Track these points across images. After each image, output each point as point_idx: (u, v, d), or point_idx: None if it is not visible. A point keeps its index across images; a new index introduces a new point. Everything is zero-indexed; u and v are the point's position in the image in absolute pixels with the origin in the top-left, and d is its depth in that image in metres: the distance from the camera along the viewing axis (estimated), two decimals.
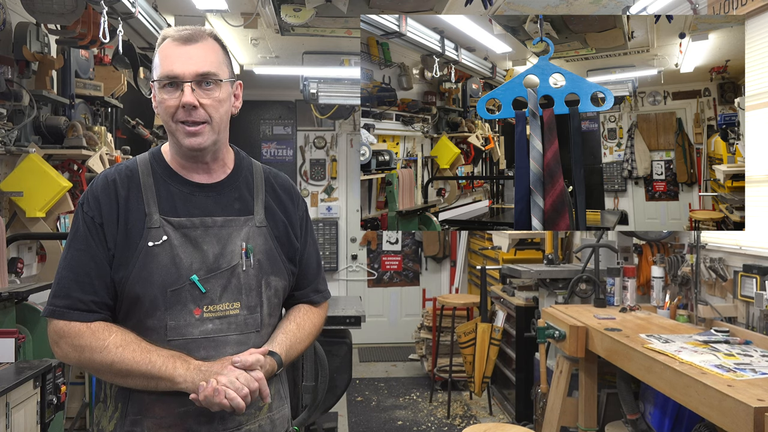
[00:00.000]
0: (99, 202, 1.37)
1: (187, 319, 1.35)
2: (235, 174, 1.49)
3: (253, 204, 1.47)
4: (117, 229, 1.36)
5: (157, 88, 1.37)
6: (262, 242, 1.45)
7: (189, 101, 1.34)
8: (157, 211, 1.38)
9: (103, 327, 1.33)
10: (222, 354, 1.37)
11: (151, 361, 1.29)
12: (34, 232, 3.28)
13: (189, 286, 1.35)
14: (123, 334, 1.32)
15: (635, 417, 2.98)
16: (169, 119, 1.37)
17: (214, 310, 1.37)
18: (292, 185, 1.60)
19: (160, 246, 1.35)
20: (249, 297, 1.42)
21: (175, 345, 1.34)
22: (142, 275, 1.33)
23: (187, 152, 1.40)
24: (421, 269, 7.10)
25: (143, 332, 1.35)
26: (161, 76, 1.36)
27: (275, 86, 6.30)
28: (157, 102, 1.38)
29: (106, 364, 1.30)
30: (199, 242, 1.38)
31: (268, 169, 1.57)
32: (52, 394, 2.60)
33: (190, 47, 1.37)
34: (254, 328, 1.42)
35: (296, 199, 1.57)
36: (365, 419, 4.77)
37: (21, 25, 3.30)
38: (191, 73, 1.35)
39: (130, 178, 1.41)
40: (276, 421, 1.47)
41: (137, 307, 1.35)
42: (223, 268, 1.39)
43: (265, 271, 1.44)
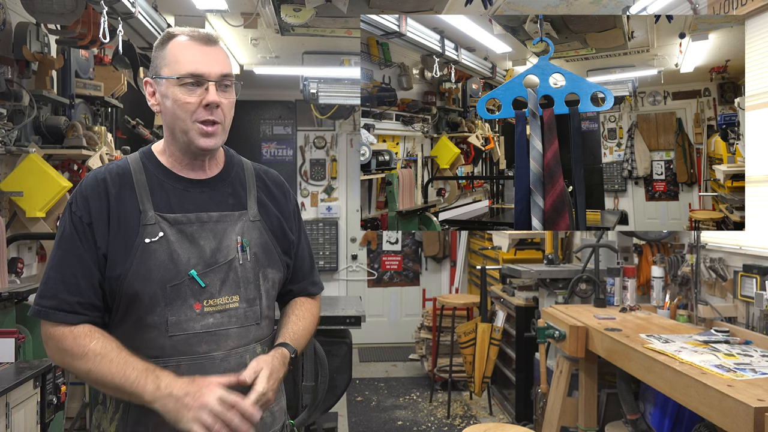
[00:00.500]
0: (88, 202, 1.36)
1: (188, 314, 1.35)
2: (226, 170, 1.51)
3: (246, 199, 1.49)
4: (108, 228, 1.35)
5: (175, 85, 1.36)
6: (257, 236, 1.46)
7: (215, 100, 1.36)
8: (151, 208, 1.37)
9: (86, 332, 1.32)
10: (224, 347, 1.38)
11: (125, 374, 1.27)
12: (34, 232, 3.28)
13: (188, 281, 1.36)
14: (104, 342, 1.31)
15: (635, 417, 2.98)
16: (187, 117, 1.37)
17: (215, 304, 1.38)
18: (283, 181, 1.63)
19: (157, 242, 1.35)
20: (247, 290, 1.43)
21: (176, 340, 1.34)
22: (141, 272, 1.33)
23: (196, 152, 1.41)
24: (421, 269, 7.10)
25: (143, 329, 1.35)
26: (185, 74, 1.36)
27: (275, 86, 6.30)
28: (171, 100, 1.37)
29: (84, 371, 1.31)
30: (196, 237, 1.39)
31: (258, 166, 1.60)
32: (52, 394, 2.60)
33: (211, 48, 1.40)
34: (254, 321, 1.44)
35: (288, 194, 1.60)
36: (365, 419, 4.77)
37: (21, 25, 3.30)
38: (216, 73, 1.37)
39: (122, 176, 1.40)
40: (275, 414, 1.50)
41: (136, 304, 1.34)
42: (220, 263, 1.40)
43: (261, 264, 1.46)
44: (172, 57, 1.38)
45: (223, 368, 1.37)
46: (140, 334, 1.35)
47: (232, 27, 4.12)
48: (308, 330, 1.56)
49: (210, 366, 1.35)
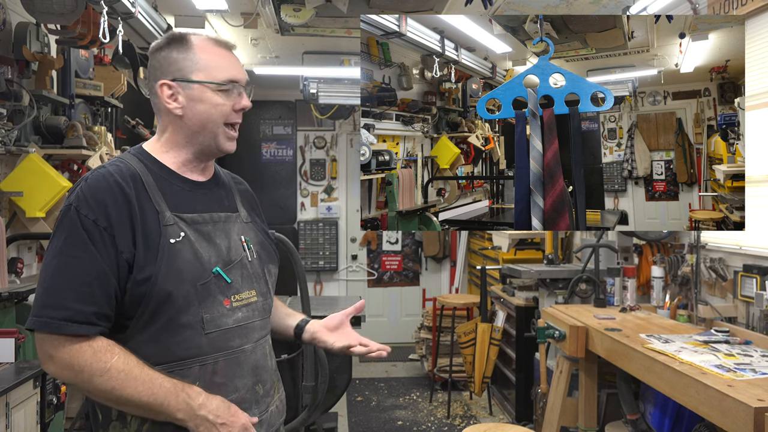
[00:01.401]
0: (104, 205, 1.28)
1: (220, 310, 1.37)
2: (217, 174, 1.55)
3: (235, 202, 1.54)
4: (133, 232, 1.30)
5: (212, 90, 1.40)
6: (253, 235, 1.53)
7: (249, 105, 1.44)
8: (167, 209, 1.36)
9: (106, 346, 1.24)
10: (251, 339, 1.43)
11: (152, 393, 1.25)
12: (34, 232, 3.28)
13: (214, 278, 1.37)
14: (126, 357, 1.25)
15: (635, 417, 2.98)
16: (220, 121, 1.41)
17: (240, 298, 1.42)
18: (248, 187, 1.68)
19: (181, 242, 1.34)
20: (260, 284, 1.48)
21: (212, 337, 1.35)
22: (172, 272, 1.30)
23: (215, 154, 1.46)
24: (421, 269, 7.10)
25: (176, 330, 1.31)
26: (224, 80, 1.41)
27: (275, 86, 6.30)
28: (207, 104, 1.40)
29: (106, 389, 1.23)
30: (212, 236, 1.41)
31: (228, 172, 1.65)
32: (52, 394, 2.60)
33: (233, 54, 1.46)
34: (269, 313, 1.52)
35: (256, 200, 1.67)
36: (365, 419, 4.77)
37: (21, 25, 3.30)
38: (245, 79, 1.45)
39: (133, 178, 1.36)
40: (283, 401, 1.57)
41: (168, 304, 1.30)
42: (235, 260, 1.43)
43: (264, 260, 1.52)
44: (205, 62, 1.40)
45: (253, 360, 1.43)
46: (172, 335, 1.32)
47: (232, 27, 4.12)
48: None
49: (243, 359, 1.40)
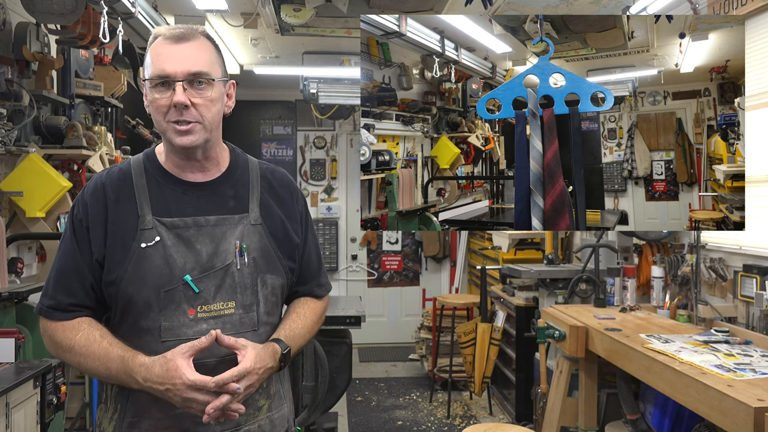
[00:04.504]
0: (87, 206, 1.39)
1: (181, 319, 1.35)
2: (230, 172, 1.48)
3: (248, 202, 1.46)
4: (104, 233, 1.37)
5: (149, 87, 1.36)
6: (257, 240, 1.44)
7: (180, 101, 1.33)
8: (149, 213, 1.37)
9: (75, 325, 1.36)
10: (216, 354, 1.34)
11: (107, 368, 1.32)
12: (34, 232, 3.28)
13: (182, 286, 1.35)
14: (88, 333, 1.35)
15: (635, 417, 2.98)
16: (161, 118, 1.36)
17: (208, 309, 1.37)
18: (291, 180, 1.59)
19: (152, 247, 1.35)
20: (244, 296, 1.40)
21: (169, 346, 1.32)
22: (136, 276, 1.34)
23: (179, 150, 1.40)
24: (421, 269, 7.10)
25: (138, 334, 1.35)
26: (152, 76, 1.35)
27: (275, 86, 6.31)
28: (149, 101, 1.38)
29: (75, 364, 1.36)
30: (192, 242, 1.38)
31: (266, 166, 1.56)
32: (52, 394, 2.59)
33: (182, 46, 1.35)
34: (250, 327, 1.41)
35: (295, 194, 1.57)
36: (365, 419, 4.77)
37: (21, 25, 3.30)
38: (183, 72, 1.33)
39: (122, 180, 1.41)
40: (275, 421, 1.47)
41: (131, 308, 1.35)
42: (216, 267, 1.38)
43: (260, 269, 1.43)
44: (148, 58, 1.38)
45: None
46: (135, 338, 1.35)
47: (232, 27, 4.12)
48: (308, 329, 1.53)
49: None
